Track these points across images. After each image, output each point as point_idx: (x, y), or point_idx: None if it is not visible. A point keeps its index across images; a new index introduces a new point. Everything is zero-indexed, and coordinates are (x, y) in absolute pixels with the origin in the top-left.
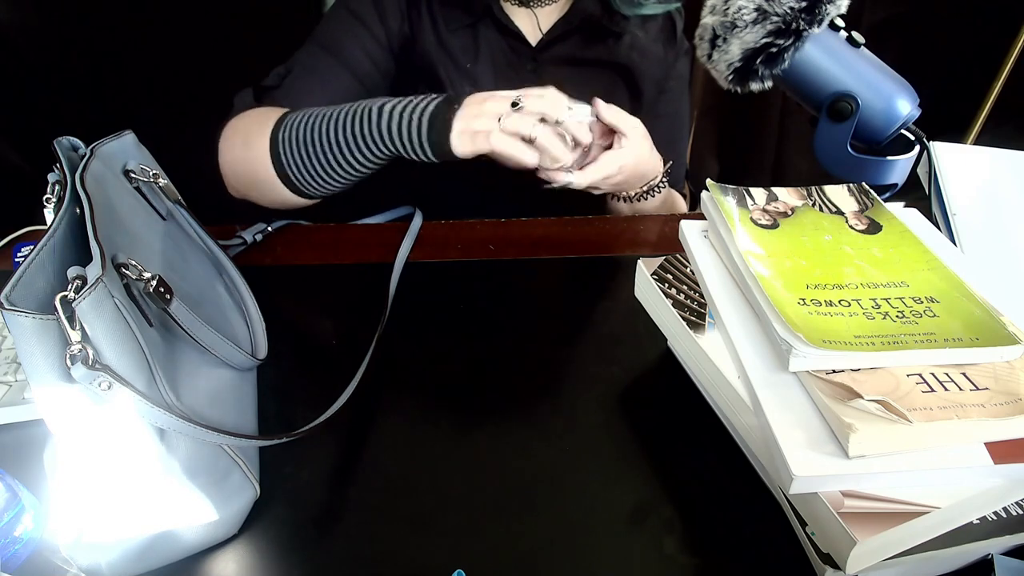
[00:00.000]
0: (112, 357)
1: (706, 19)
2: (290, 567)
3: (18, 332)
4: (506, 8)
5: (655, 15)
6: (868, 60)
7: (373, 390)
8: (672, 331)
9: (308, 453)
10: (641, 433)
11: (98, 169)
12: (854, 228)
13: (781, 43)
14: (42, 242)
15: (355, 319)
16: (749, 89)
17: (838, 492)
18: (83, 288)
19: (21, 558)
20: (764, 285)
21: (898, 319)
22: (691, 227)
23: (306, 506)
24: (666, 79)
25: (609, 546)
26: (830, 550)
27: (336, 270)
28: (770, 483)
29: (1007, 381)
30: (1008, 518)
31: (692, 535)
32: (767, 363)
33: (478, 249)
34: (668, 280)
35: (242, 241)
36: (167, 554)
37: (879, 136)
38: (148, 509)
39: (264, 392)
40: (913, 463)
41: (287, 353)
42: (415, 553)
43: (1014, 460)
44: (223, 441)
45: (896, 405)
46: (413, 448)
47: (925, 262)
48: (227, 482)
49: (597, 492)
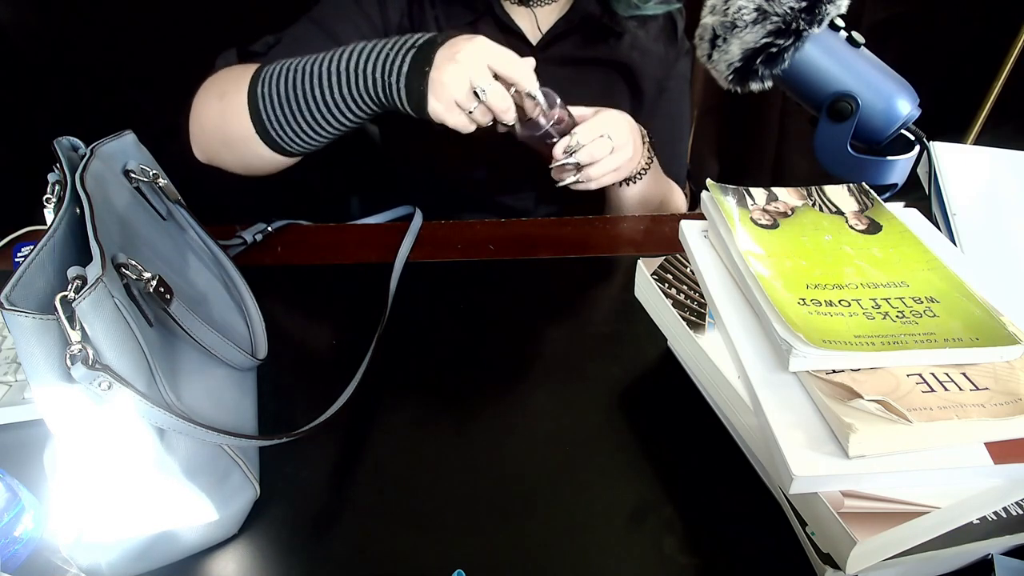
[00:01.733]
0: (112, 357)
1: (706, 19)
2: (290, 567)
3: (18, 332)
4: (506, 7)
5: (656, 15)
6: (868, 60)
7: (373, 390)
8: (672, 331)
9: (308, 453)
10: (641, 433)
11: (98, 169)
12: (854, 228)
13: (781, 43)
14: (42, 242)
15: (355, 319)
16: (749, 89)
17: (838, 492)
18: (83, 288)
19: (21, 558)
20: (764, 285)
21: (898, 319)
22: (691, 227)
23: (306, 506)
24: (667, 79)
25: (609, 546)
26: (830, 550)
27: (336, 270)
28: (770, 483)
29: (1007, 381)
30: (1008, 518)
31: (692, 535)
32: (767, 363)
33: (478, 249)
34: (668, 280)
35: (242, 241)
36: (167, 554)
37: (879, 136)
38: (148, 509)
39: (264, 392)
40: (913, 463)
41: (287, 353)
42: (415, 553)
43: (1014, 460)
44: (223, 441)
45: (896, 405)
46: (413, 448)
47: (925, 262)
48: (227, 482)
49: (597, 492)
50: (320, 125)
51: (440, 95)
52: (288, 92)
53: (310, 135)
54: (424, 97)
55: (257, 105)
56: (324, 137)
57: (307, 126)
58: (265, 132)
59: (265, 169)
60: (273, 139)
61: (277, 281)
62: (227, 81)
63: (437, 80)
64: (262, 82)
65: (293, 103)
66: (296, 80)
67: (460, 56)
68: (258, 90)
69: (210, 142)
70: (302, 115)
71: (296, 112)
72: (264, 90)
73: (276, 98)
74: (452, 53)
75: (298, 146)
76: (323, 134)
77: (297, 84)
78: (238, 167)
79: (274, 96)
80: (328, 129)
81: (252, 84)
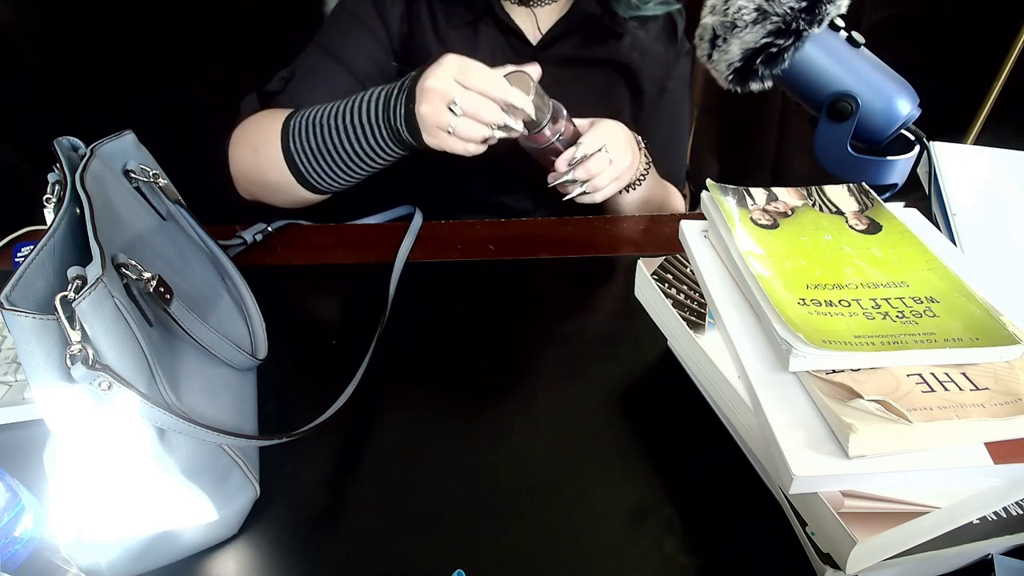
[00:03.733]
0: (112, 357)
1: (706, 19)
2: (290, 567)
3: (18, 332)
4: (506, 7)
5: (656, 16)
6: (868, 60)
7: (373, 390)
8: (672, 331)
9: (308, 453)
10: (641, 433)
11: (98, 169)
12: (854, 228)
13: (781, 43)
14: (42, 242)
15: (355, 319)
16: (749, 89)
17: (838, 492)
18: (83, 288)
19: (21, 558)
20: (764, 285)
21: (898, 319)
22: (691, 227)
23: (306, 506)
24: (667, 79)
25: (609, 546)
26: (830, 550)
27: (336, 270)
28: (770, 483)
29: (1007, 381)
30: (1008, 518)
31: (692, 535)
32: (767, 363)
33: (478, 249)
34: (668, 280)
35: (242, 241)
36: (167, 554)
37: (879, 136)
38: (148, 509)
39: (264, 392)
40: (913, 463)
41: (287, 353)
42: (415, 553)
43: (1014, 460)
44: (223, 441)
45: (896, 405)
46: (413, 448)
47: (925, 262)
48: (227, 482)
49: (597, 492)
50: (357, 169)
51: (426, 126)
52: (319, 145)
53: (347, 177)
54: (418, 132)
55: (293, 159)
56: (361, 175)
57: (346, 170)
58: (304, 180)
59: (309, 202)
60: (313, 185)
61: (277, 281)
62: (257, 134)
63: (419, 113)
64: (293, 137)
65: (327, 154)
66: (323, 135)
67: (428, 83)
68: (291, 145)
69: (251, 187)
70: (337, 165)
71: (332, 162)
72: (296, 146)
73: (309, 151)
74: (423, 83)
75: (338, 186)
76: (360, 175)
77: (326, 137)
78: (280, 204)
79: (307, 149)
80: (364, 171)
81: (284, 138)
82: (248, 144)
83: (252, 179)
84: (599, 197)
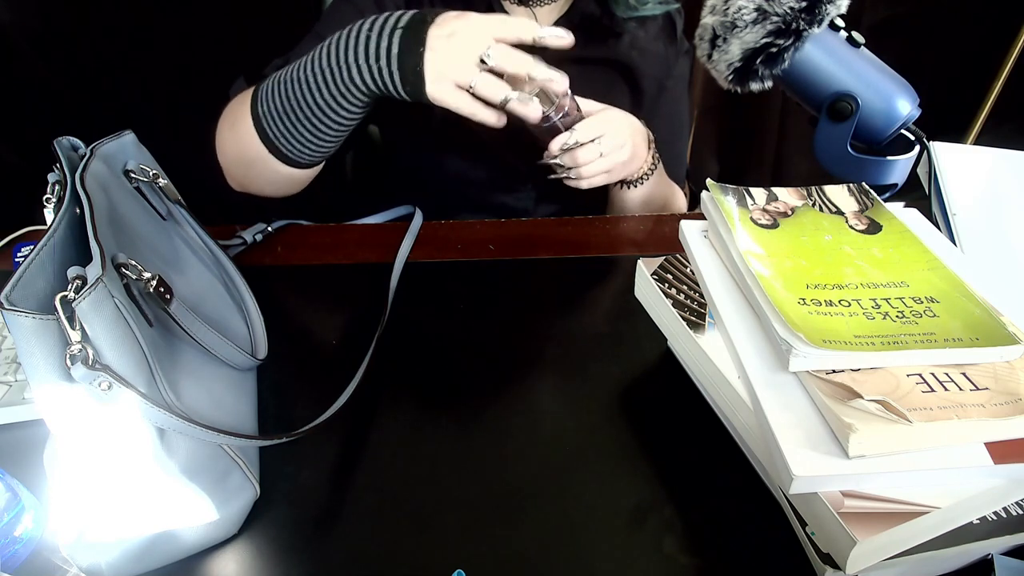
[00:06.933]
0: (112, 357)
1: (706, 19)
2: (290, 567)
3: (18, 332)
4: (506, 6)
5: (654, 15)
6: (868, 60)
7: (373, 390)
8: (672, 331)
9: (308, 453)
10: (641, 433)
11: (98, 169)
12: (854, 228)
13: (781, 43)
14: (42, 242)
15: (355, 319)
16: (749, 89)
17: (838, 492)
18: (83, 288)
19: (21, 558)
20: (764, 285)
21: (898, 319)
22: (691, 227)
23: (306, 506)
24: (666, 78)
25: (609, 546)
26: (830, 550)
27: (336, 270)
28: (770, 483)
29: (1007, 381)
30: (1008, 518)
31: (692, 535)
32: (767, 363)
33: (478, 249)
34: (668, 280)
35: (242, 241)
36: (167, 554)
37: (879, 136)
38: (148, 509)
39: (264, 392)
40: (913, 463)
41: (287, 353)
42: (415, 553)
43: (1014, 460)
44: (223, 441)
45: (896, 405)
46: (413, 448)
47: (925, 262)
48: (227, 482)
49: (597, 492)
50: (320, 129)
51: (439, 75)
52: (283, 103)
53: (314, 142)
54: (421, 79)
55: (262, 124)
56: (327, 140)
57: (308, 133)
58: (275, 149)
59: (292, 186)
60: (284, 154)
61: (277, 281)
62: (235, 109)
63: (433, 60)
64: (260, 101)
65: (291, 113)
66: (287, 89)
67: (457, 32)
68: (259, 109)
69: (235, 170)
70: (300, 123)
71: (295, 122)
72: (263, 109)
73: (275, 113)
74: (447, 30)
75: (308, 155)
76: (325, 138)
77: (289, 93)
78: (268, 189)
79: (273, 111)
80: (328, 132)
81: (253, 105)
82: (227, 123)
83: (233, 159)
84: (584, 185)
